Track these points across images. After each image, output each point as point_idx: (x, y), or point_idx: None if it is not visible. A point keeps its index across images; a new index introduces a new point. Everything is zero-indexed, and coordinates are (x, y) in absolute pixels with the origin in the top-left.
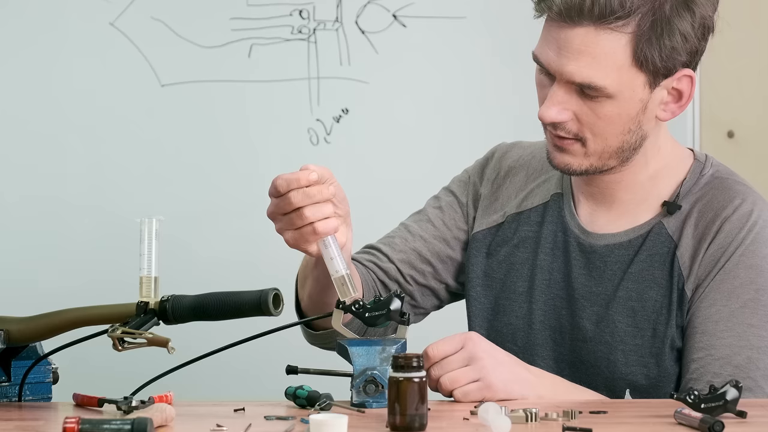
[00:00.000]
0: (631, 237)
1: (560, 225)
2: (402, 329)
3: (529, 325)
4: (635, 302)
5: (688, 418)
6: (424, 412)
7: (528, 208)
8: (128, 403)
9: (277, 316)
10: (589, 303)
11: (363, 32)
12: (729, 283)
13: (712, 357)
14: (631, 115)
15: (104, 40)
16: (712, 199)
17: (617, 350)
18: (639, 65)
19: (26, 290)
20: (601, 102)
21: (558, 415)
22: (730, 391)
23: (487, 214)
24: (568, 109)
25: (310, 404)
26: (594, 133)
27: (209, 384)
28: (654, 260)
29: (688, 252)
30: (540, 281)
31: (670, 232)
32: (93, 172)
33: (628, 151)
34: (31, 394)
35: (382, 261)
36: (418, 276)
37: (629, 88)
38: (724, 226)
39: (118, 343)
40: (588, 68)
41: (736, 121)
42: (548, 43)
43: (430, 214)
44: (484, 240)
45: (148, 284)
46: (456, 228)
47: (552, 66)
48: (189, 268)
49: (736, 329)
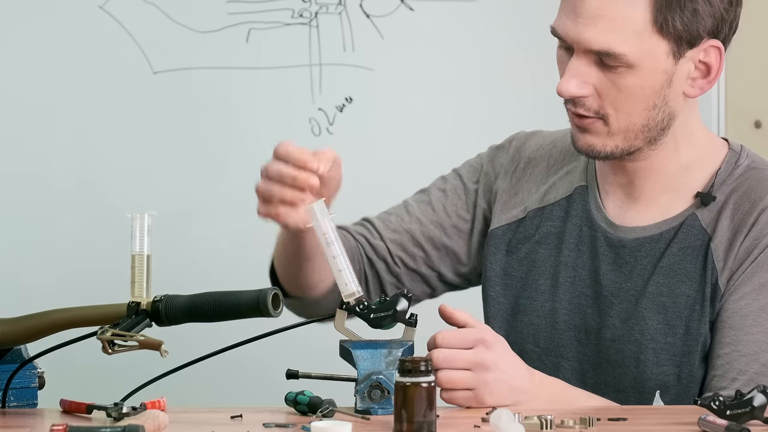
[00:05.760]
0: (662, 229)
1: (586, 219)
2: (409, 331)
3: (553, 325)
4: (666, 298)
5: (712, 425)
6: (433, 419)
7: (550, 203)
8: (119, 409)
9: (276, 317)
10: (618, 300)
11: (368, 16)
12: (761, 276)
13: (738, 353)
14: (656, 87)
15: (93, 25)
16: (748, 190)
17: (648, 349)
18: (660, 30)
19: (9, 290)
20: (621, 73)
21: (575, 422)
22: (757, 396)
23: (507, 209)
24: (588, 83)
25: (312, 411)
26: (616, 108)
27: (204, 389)
28: (686, 254)
29: (723, 245)
30: (564, 279)
31: (704, 224)
32: (81, 165)
33: (655, 130)
34: (15, 399)
35: (374, 237)
36: (408, 259)
37: (651, 57)
38: (761, 217)
39: (108, 346)
40: (606, 34)
41: (763, 111)
42: (565, 11)
43: (432, 197)
44: (503, 237)
45: (140, 284)
46: (456, 216)
47: (570, 35)
48: (183, 267)
49: (765, 324)
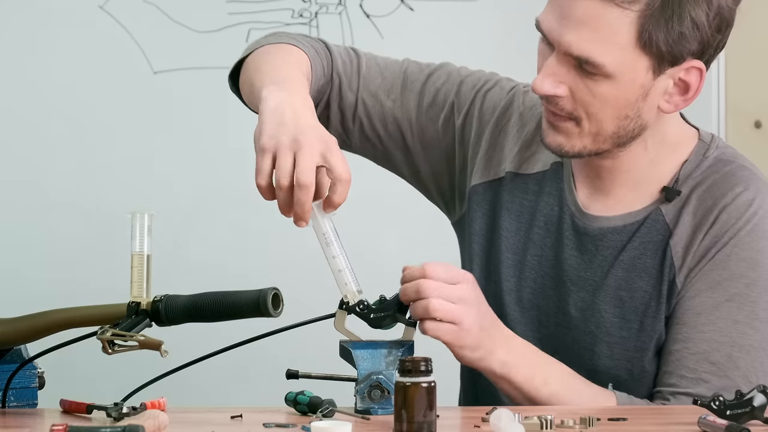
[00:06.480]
0: (627, 222)
1: (557, 198)
2: (409, 331)
3: (518, 301)
4: (624, 292)
5: (713, 425)
6: (433, 419)
7: (527, 173)
8: (119, 409)
9: (276, 317)
10: (577, 288)
11: (368, 16)
12: (717, 273)
13: (688, 351)
14: (630, 100)
15: (93, 25)
16: (712, 186)
17: (602, 342)
18: (643, 47)
19: (9, 290)
20: (598, 81)
21: (575, 422)
22: (757, 397)
23: (489, 165)
24: (564, 83)
25: (312, 411)
26: (588, 113)
27: (204, 389)
28: (647, 248)
29: (683, 241)
30: (531, 257)
31: (667, 219)
32: (81, 165)
33: (625, 138)
34: (15, 399)
35: (350, 87)
36: (368, 128)
37: (630, 70)
38: (721, 215)
39: (108, 346)
40: (588, 42)
41: (763, 111)
42: (552, 9)
43: (425, 88)
44: (485, 194)
45: (140, 283)
46: (433, 128)
47: (552, 34)
48: (183, 267)
49: (718, 323)
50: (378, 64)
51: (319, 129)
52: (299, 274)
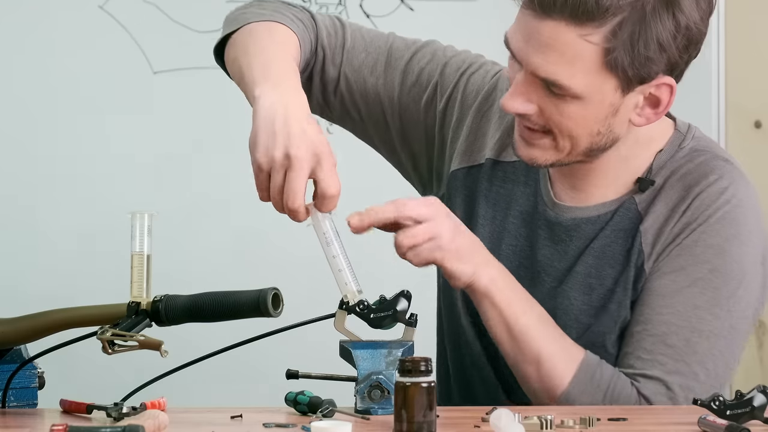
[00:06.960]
0: (600, 212)
1: (534, 188)
2: (409, 331)
3: None
4: (594, 279)
5: (712, 425)
6: (433, 419)
7: (506, 160)
8: (119, 409)
9: (276, 317)
10: (549, 278)
11: (368, 16)
12: (683, 258)
13: (647, 332)
14: (599, 118)
15: (93, 25)
16: (686, 174)
17: (571, 329)
18: (609, 69)
19: (9, 290)
20: (566, 101)
21: (575, 422)
22: (757, 396)
23: (471, 150)
24: (533, 102)
25: (312, 411)
26: (560, 130)
27: (204, 389)
28: (618, 236)
29: (654, 229)
30: (507, 246)
31: (640, 208)
32: (81, 165)
33: (597, 151)
34: (15, 400)
35: (333, 62)
36: (348, 102)
37: (598, 91)
38: (694, 202)
39: (107, 346)
40: (554, 65)
41: (763, 111)
42: (519, 28)
43: (409, 67)
44: (464, 180)
45: (140, 283)
46: (415, 109)
47: (519, 54)
48: (183, 267)
49: (677, 307)
50: (363, 38)
51: (311, 136)
52: (299, 274)
